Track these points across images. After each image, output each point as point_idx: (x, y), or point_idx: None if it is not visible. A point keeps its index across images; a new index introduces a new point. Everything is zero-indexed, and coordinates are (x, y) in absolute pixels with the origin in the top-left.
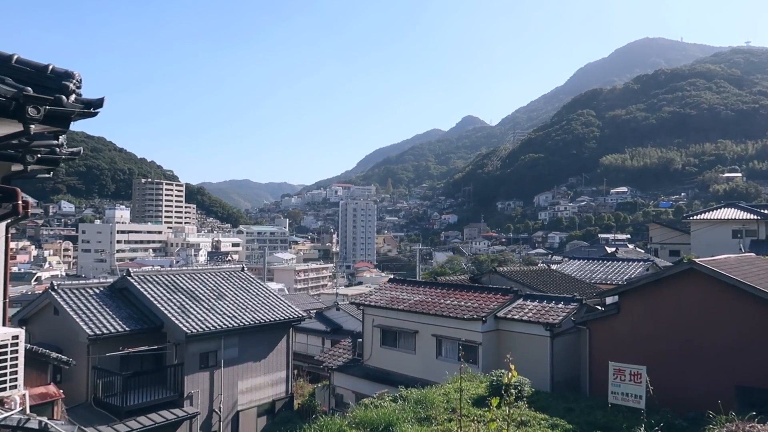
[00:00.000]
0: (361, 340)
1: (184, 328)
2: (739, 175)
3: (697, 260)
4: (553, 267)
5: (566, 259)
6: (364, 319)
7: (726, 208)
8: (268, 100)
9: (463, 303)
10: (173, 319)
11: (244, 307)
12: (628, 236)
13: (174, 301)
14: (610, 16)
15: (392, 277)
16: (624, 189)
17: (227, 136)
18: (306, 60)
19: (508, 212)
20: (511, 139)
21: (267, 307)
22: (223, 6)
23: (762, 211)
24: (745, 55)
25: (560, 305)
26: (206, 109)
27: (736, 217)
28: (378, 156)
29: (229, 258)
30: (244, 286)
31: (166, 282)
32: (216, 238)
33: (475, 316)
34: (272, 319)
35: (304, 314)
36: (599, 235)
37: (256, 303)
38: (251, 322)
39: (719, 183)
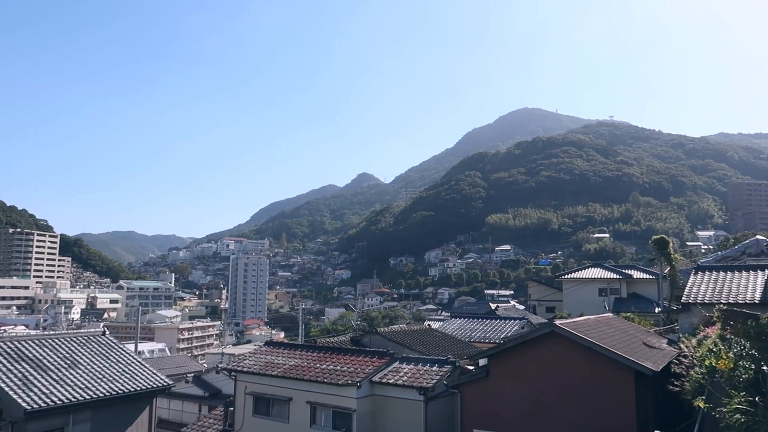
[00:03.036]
0: (233, 408)
1: (23, 404)
2: (607, 235)
3: (558, 322)
4: (436, 325)
5: (449, 317)
6: (236, 386)
7: (593, 268)
8: (162, 152)
9: (339, 367)
10: (11, 393)
11: (101, 376)
12: (512, 292)
13: (15, 372)
14: (494, 86)
15: (271, 339)
16: (508, 247)
17: (112, 186)
18: (205, 115)
19: (400, 268)
20: (404, 196)
21: (128, 376)
22: (119, 58)
23: (624, 270)
24: (609, 128)
25: (435, 368)
26: (93, 159)
27: (602, 277)
28: (273, 209)
29: (105, 316)
30: (104, 352)
31: (9, 350)
32: (92, 294)
33: (349, 382)
34: (133, 389)
35: (171, 383)
36: (485, 291)
37: (115, 371)
38: (107, 394)
39: (590, 243)
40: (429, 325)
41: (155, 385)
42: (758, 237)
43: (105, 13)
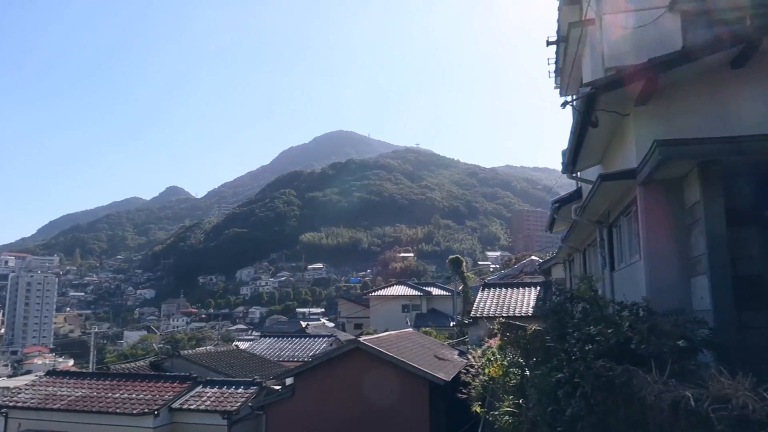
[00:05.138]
0: None
1: None
2: (412, 255)
3: (363, 339)
4: (245, 346)
5: (259, 336)
6: (7, 424)
7: (397, 286)
8: None
9: (134, 395)
10: None
11: None
12: (323, 310)
13: None
14: (311, 106)
15: (54, 368)
16: (320, 265)
17: None
18: None
19: (210, 287)
20: (216, 212)
21: None
22: None
23: (424, 288)
24: (415, 154)
25: (240, 390)
26: None
27: (405, 294)
28: (65, 222)
29: None
30: None
31: None
32: None
33: (146, 410)
34: None
35: None
36: (297, 309)
37: None
38: None
39: (397, 261)
40: (237, 345)
41: None
42: (533, 257)
43: None
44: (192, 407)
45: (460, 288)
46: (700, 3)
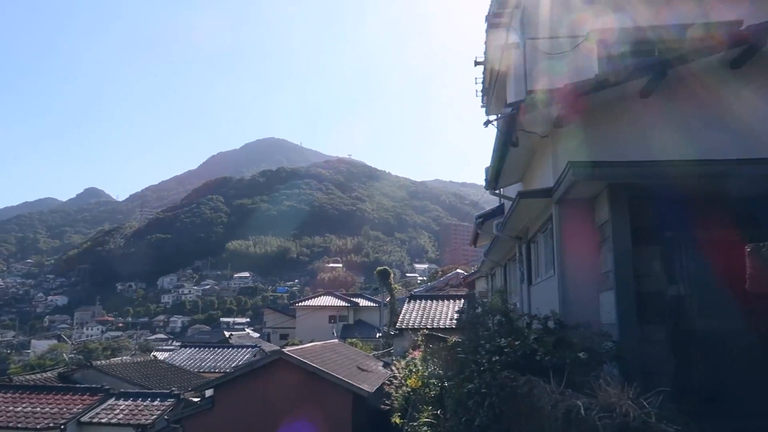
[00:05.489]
0: None
1: None
2: (341, 265)
3: (287, 349)
4: (164, 356)
5: (179, 346)
6: None
7: (324, 296)
8: None
9: (39, 409)
10: None
11: None
12: (248, 320)
13: None
14: (243, 112)
15: None
16: (247, 274)
17: None
18: None
19: (129, 294)
20: (138, 216)
21: None
22: None
23: (352, 299)
24: (347, 165)
25: (156, 402)
26: None
27: (332, 304)
28: None
29: None
30: None
31: None
32: None
33: (51, 425)
34: None
35: None
36: (221, 318)
37: None
38: None
39: (325, 272)
40: (155, 356)
41: None
42: (458, 270)
43: None
44: (103, 421)
45: (388, 299)
46: (614, 34)
